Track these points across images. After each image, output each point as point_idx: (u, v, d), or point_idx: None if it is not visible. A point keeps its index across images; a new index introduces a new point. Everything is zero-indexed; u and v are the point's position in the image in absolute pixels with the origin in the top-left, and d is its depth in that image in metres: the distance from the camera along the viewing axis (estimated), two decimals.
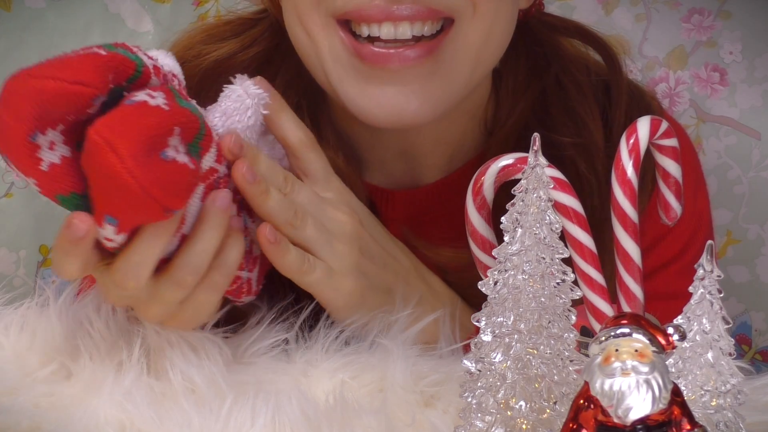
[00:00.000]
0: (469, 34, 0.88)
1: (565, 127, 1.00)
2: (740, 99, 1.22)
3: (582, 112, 1.00)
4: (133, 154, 0.68)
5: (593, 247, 0.72)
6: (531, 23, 1.02)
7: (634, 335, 0.57)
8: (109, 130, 0.68)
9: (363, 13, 0.86)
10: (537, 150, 0.64)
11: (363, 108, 0.89)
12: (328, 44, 0.89)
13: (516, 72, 1.01)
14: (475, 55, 0.90)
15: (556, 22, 1.05)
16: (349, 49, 0.88)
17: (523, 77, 1.01)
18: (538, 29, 1.03)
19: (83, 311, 0.82)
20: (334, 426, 0.72)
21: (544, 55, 1.03)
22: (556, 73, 1.02)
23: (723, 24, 1.22)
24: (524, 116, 1.00)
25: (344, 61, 0.89)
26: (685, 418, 0.57)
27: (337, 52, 0.89)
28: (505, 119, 1.01)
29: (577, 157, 0.98)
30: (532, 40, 1.02)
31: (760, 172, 1.22)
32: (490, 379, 0.66)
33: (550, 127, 0.99)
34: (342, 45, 0.88)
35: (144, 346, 0.80)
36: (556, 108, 1.01)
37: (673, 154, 0.75)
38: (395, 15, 0.86)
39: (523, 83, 1.01)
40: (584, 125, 1.00)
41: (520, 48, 0.99)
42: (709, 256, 0.63)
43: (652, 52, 1.23)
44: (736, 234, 1.23)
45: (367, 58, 0.87)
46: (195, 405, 0.74)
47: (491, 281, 0.66)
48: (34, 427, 0.71)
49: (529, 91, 1.01)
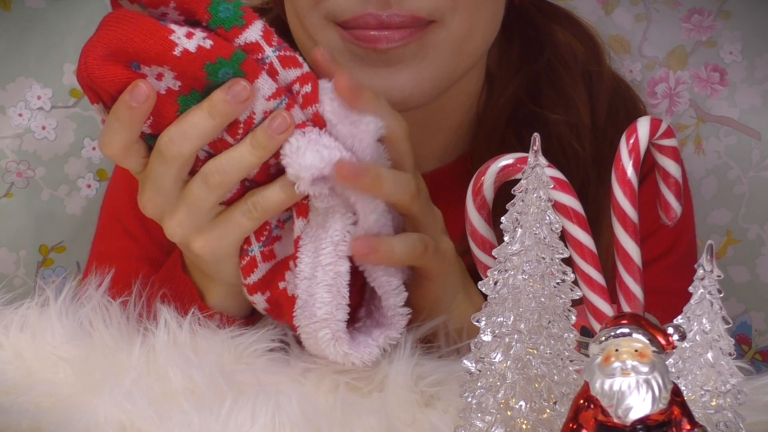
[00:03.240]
0: (452, 28, 0.92)
1: (555, 105, 1.04)
2: (740, 99, 1.22)
3: (571, 92, 1.05)
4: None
5: (593, 247, 0.72)
6: (527, 8, 1.06)
7: (634, 335, 0.57)
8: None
9: (359, 21, 0.91)
10: (537, 150, 0.64)
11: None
12: (326, 40, 0.93)
13: (509, 55, 1.05)
14: (458, 46, 0.94)
15: (549, 9, 1.09)
16: (346, 37, 0.92)
17: (516, 60, 1.06)
18: (534, 15, 1.07)
19: (83, 311, 0.82)
20: (334, 426, 0.72)
21: (538, 40, 1.06)
22: (549, 59, 1.06)
23: (723, 24, 1.22)
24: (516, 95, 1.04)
25: (342, 50, 0.93)
26: (685, 418, 0.57)
27: (335, 45, 0.93)
28: (496, 101, 1.04)
29: (566, 134, 1.02)
30: (528, 24, 1.06)
31: (760, 172, 1.22)
32: (490, 379, 0.66)
33: (540, 104, 1.04)
34: (339, 38, 0.92)
35: (144, 346, 0.80)
36: (547, 87, 1.05)
37: (673, 154, 0.75)
38: (386, 23, 0.90)
39: (515, 66, 1.05)
40: (573, 104, 1.04)
41: (514, 32, 1.03)
42: (709, 256, 0.63)
43: (652, 52, 1.23)
44: (736, 234, 1.23)
45: (360, 38, 0.91)
46: (195, 405, 0.74)
47: (491, 281, 0.66)
48: (34, 427, 0.71)
49: (521, 75, 1.05)
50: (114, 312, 0.82)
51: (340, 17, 0.91)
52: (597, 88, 1.06)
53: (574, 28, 1.09)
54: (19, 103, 1.21)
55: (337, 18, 0.92)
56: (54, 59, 1.21)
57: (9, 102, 1.21)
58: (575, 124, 1.03)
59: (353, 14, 0.91)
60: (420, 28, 0.91)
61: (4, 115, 1.21)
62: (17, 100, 1.21)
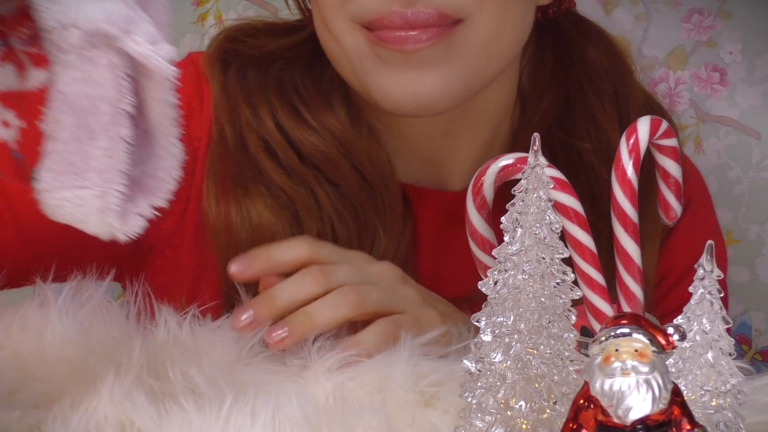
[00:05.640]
0: (480, 28, 0.91)
1: (586, 132, 1.02)
2: (740, 99, 1.22)
3: (601, 117, 1.03)
4: None
5: (593, 247, 0.72)
6: (560, 21, 1.04)
7: (634, 335, 0.57)
8: None
9: (384, 20, 0.90)
10: (537, 150, 0.64)
11: (386, 92, 0.93)
12: (353, 43, 0.93)
13: (542, 65, 1.04)
14: (486, 47, 0.93)
15: (582, 24, 1.07)
16: (372, 39, 0.92)
17: (549, 72, 1.04)
18: (566, 28, 1.05)
19: (83, 311, 0.82)
20: (334, 426, 0.72)
21: (568, 54, 1.05)
22: (578, 76, 1.04)
23: (723, 24, 1.22)
24: (548, 119, 1.02)
25: (368, 53, 0.92)
26: (685, 418, 0.57)
27: (361, 48, 0.92)
28: (531, 116, 1.02)
29: (597, 163, 1.01)
30: (559, 37, 1.05)
31: (760, 172, 1.22)
32: (490, 379, 0.66)
33: (572, 133, 1.02)
34: (365, 40, 0.92)
35: (144, 346, 0.80)
36: (578, 113, 1.03)
37: (673, 154, 0.75)
38: (412, 21, 0.89)
39: (548, 78, 1.04)
40: (603, 131, 1.02)
41: (547, 42, 1.02)
42: (709, 256, 0.63)
43: (652, 52, 1.23)
44: (736, 234, 1.23)
45: (385, 40, 0.91)
46: (195, 405, 0.74)
47: (491, 281, 0.66)
48: (34, 427, 0.72)
49: (553, 90, 1.03)
50: (114, 312, 0.82)
51: (365, 18, 0.91)
52: (627, 111, 1.04)
53: (604, 46, 1.06)
54: None
55: (362, 19, 0.91)
56: None
57: None
58: (605, 151, 1.01)
59: (379, 13, 0.90)
60: (446, 27, 0.90)
61: None
62: None
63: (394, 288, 0.88)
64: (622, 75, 1.06)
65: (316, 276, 0.85)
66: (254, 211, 0.96)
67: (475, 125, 1.01)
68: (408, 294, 0.88)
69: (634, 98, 1.05)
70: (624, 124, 1.01)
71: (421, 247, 1.02)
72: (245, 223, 0.95)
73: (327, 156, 0.97)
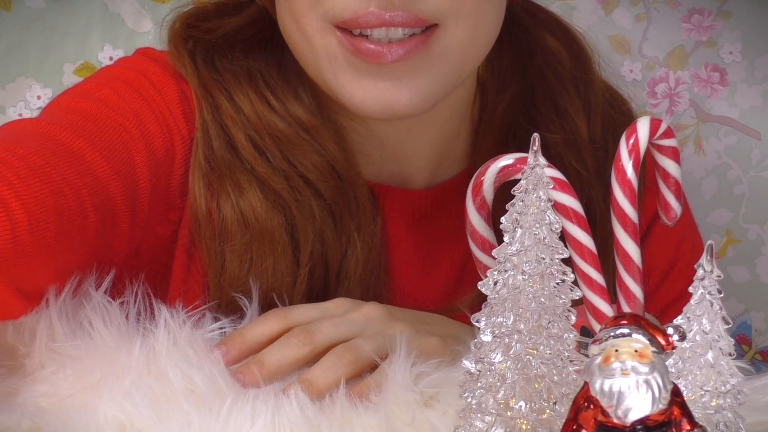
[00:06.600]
0: (456, 34, 0.90)
1: (553, 123, 1.01)
2: (740, 99, 1.22)
3: (567, 105, 1.02)
4: None
5: (593, 247, 0.72)
6: (515, 10, 1.02)
7: (634, 335, 0.57)
8: None
9: (360, 20, 0.88)
10: (537, 150, 0.64)
11: (358, 101, 0.90)
12: (324, 44, 0.90)
13: (500, 56, 1.02)
14: (463, 51, 0.91)
15: (539, 13, 1.06)
16: (345, 45, 0.89)
17: (508, 63, 1.02)
18: (522, 17, 1.04)
19: (83, 311, 0.82)
20: (334, 426, 0.73)
21: (527, 44, 1.03)
22: (540, 66, 1.03)
23: (723, 24, 1.22)
24: (511, 111, 1.01)
25: (340, 58, 0.90)
26: (684, 419, 0.57)
27: (333, 51, 0.90)
28: (492, 111, 1.01)
29: (567, 153, 1.00)
30: (516, 27, 1.03)
31: (760, 172, 1.22)
32: (490, 379, 0.66)
33: (539, 124, 1.00)
34: (338, 43, 0.89)
35: (144, 346, 0.80)
36: (543, 104, 1.02)
37: (673, 154, 0.75)
38: (388, 22, 0.87)
39: (507, 71, 1.02)
40: (570, 120, 1.01)
41: (504, 35, 0.99)
42: (709, 256, 0.63)
43: (652, 52, 1.23)
44: (736, 234, 1.23)
45: (362, 53, 0.88)
46: (195, 405, 0.74)
47: (491, 281, 0.66)
48: (34, 427, 0.71)
49: (515, 81, 1.02)
50: (114, 312, 0.82)
51: (340, 17, 0.88)
52: (589, 97, 1.03)
53: (562, 33, 1.05)
54: (19, 103, 1.21)
55: (336, 18, 0.88)
56: (54, 59, 1.21)
57: (9, 102, 1.21)
58: (573, 141, 1.00)
59: (355, 12, 0.87)
60: (423, 37, 0.89)
61: (4, 114, 1.21)
62: (17, 100, 1.21)
63: (384, 331, 0.85)
64: (582, 62, 1.04)
65: (300, 337, 0.83)
66: (243, 202, 0.94)
67: (439, 120, 0.99)
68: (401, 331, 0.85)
69: (596, 84, 1.04)
70: (588, 111, 1.02)
71: (391, 247, 1.00)
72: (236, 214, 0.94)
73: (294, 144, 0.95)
